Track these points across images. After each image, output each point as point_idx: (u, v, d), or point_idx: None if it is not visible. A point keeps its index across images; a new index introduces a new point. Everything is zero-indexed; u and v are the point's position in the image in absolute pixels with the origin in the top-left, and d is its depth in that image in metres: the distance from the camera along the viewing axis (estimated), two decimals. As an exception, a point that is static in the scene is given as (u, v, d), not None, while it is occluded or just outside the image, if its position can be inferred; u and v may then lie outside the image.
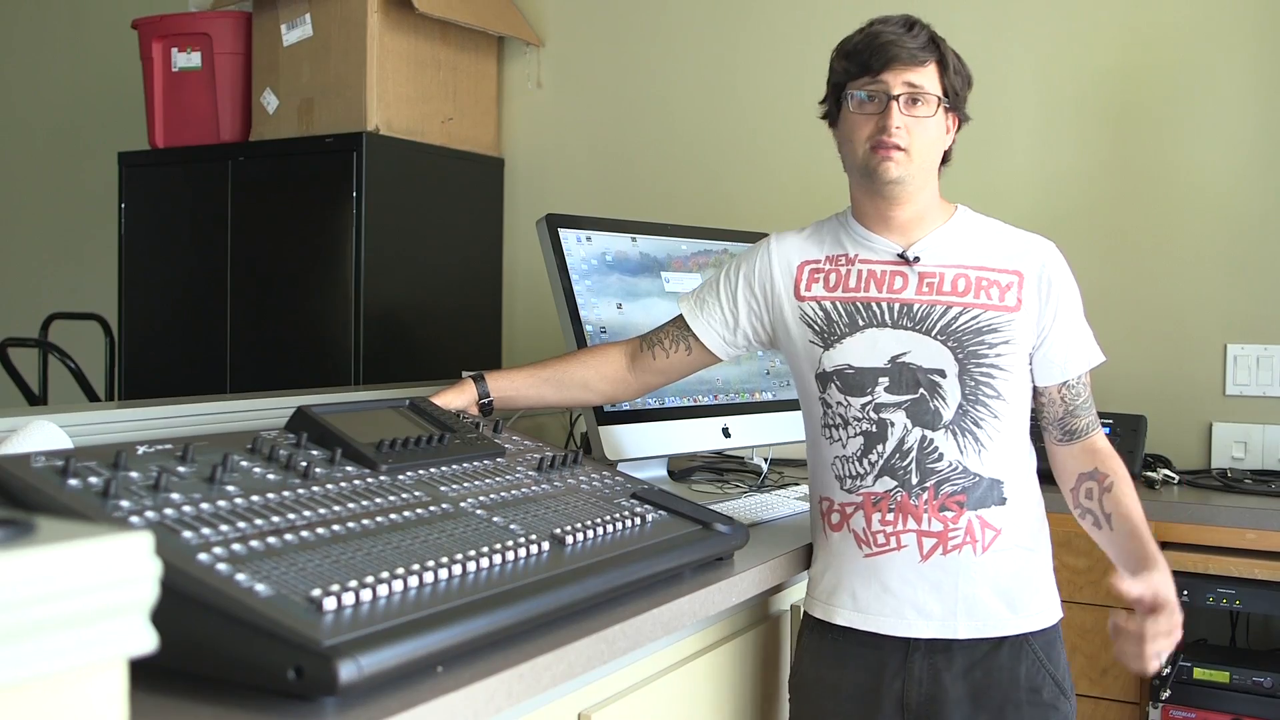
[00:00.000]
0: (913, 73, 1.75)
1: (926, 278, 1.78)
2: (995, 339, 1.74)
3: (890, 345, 1.77)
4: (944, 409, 1.74)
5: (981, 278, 1.78)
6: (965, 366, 1.74)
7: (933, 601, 1.72)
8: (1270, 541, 2.37)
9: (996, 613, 1.72)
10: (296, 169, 3.36)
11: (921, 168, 1.77)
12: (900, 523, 1.74)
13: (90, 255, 4.36)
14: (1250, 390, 2.83)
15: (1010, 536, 1.73)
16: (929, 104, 1.75)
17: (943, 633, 1.72)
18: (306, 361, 3.30)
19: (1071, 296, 1.81)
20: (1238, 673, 2.38)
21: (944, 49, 1.79)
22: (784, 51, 3.35)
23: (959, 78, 1.80)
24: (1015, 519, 1.75)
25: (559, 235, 2.30)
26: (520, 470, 1.73)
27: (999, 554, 1.72)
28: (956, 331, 1.75)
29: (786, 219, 3.23)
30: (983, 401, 1.74)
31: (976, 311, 1.75)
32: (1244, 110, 2.85)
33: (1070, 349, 1.80)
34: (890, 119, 1.74)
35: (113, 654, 0.79)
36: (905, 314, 1.78)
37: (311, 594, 1.14)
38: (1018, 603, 1.73)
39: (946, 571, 1.72)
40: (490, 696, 1.18)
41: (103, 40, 4.42)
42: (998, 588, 1.72)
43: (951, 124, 1.82)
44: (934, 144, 1.78)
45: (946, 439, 1.73)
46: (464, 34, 3.55)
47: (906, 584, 1.73)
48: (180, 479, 1.34)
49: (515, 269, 3.72)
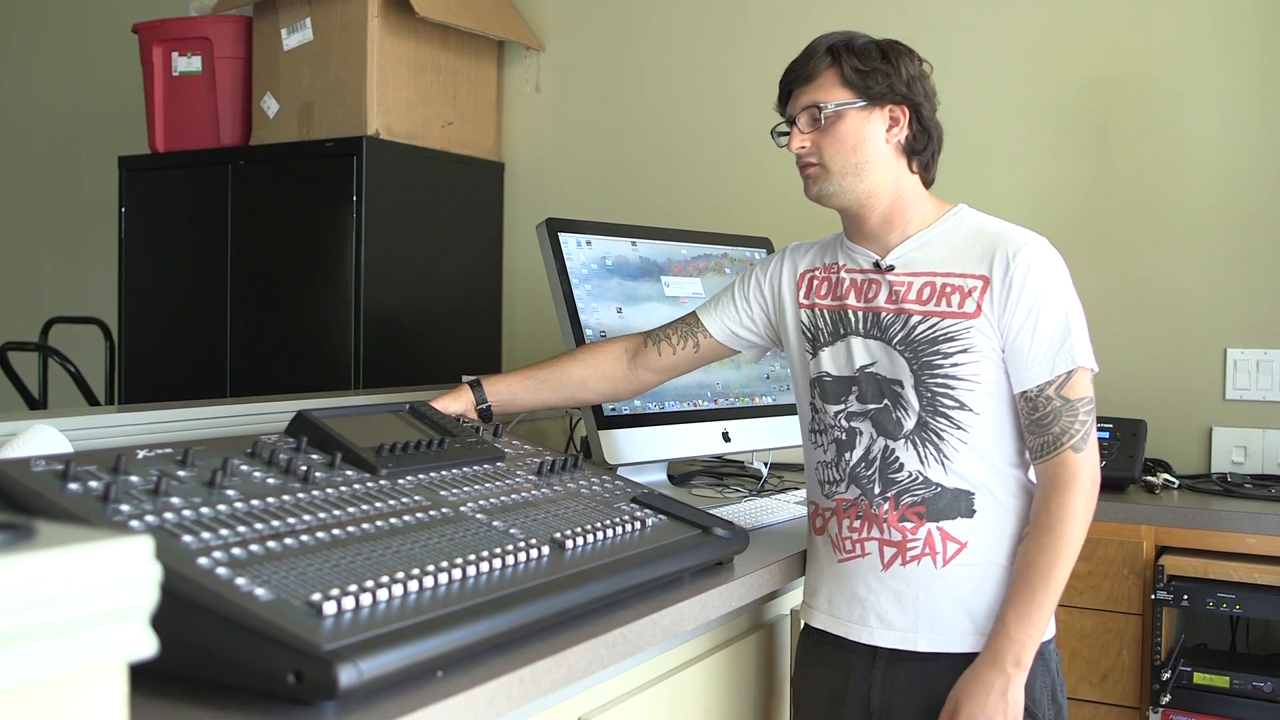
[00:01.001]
0: (809, 92, 1.79)
1: (895, 286, 1.77)
2: (951, 348, 1.71)
3: (860, 355, 1.78)
4: (905, 419, 1.73)
5: (946, 284, 1.74)
6: (920, 377, 1.72)
7: (895, 611, 1.72)
8: (1271, 546, 2.37)
9: (959, 626, 1.70)
10: (297, 173, 3.36)
11: (845, 172, 1.77)
12: (865, 530, 1.75)
13: (90, 259, 4.37)
14: (1250, 395, 2.83)
15: (978, 551, 1.70)
16: (831, 114, 1.76)
17: (903, 644, 1.72)
18: (306, 366, 3.30)
19: (1040, 299, 1.68)
20: (1238, 677, 2.38)
21: (841, 52, 1.78)
22: (782, 56, 3.33)
23: (870, 73, 1.75)
24: (985, 533, 1.70)
25: (559, 239, 2.30)
26: (520, 474, 1.73)
27: (963, 568, 1.70)
28: (913, 341, 1.74)
29: (785, 223, 3.24)
30: (942, 412, 1.71)
31: (934, 320, 1.73)
32: (1241, 114, 2.85)
33: (1031, 356, 1.68)
34: (790, 142, 1.81)
35: (113, 658, 0.79)
36: (875, 323, 1.78)
37: (311, 598, 1.14)
38: (983, 619, 1.69)
39: (907, 582, 1.72)
40: (490, 701, 1.18)
41: (103, 44, 4.42)
42: (960, 601, 1.70)
43: (884, 117, 1.76)
44: (852, 149, 1.76)
45: (907, 449, 1.73)
46: (464, 38, 3.55)
47: (871, 592, 1.74)
48: (180, 483, 1.34)
49: (515, 273, 3.72)
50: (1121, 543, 2.47)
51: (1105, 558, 2.48)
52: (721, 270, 2.62)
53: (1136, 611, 2.46)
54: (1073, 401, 1.67)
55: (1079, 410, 1.68)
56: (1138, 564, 2.46)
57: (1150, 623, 2.43)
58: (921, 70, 1.80)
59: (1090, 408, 1.69)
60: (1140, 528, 2.46)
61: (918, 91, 1.77)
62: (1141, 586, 2.45)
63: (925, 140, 1.79)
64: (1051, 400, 1.68)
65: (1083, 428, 1.68)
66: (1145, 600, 2.45)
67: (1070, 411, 1.67)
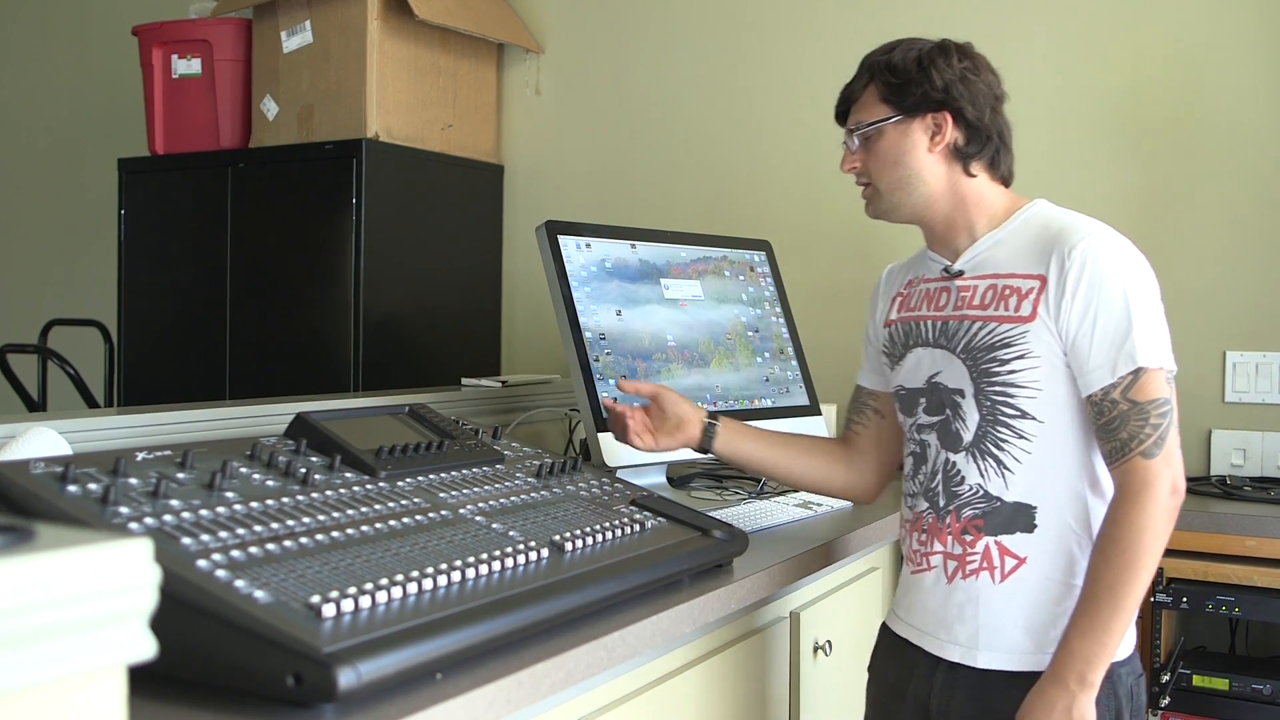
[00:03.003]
0: (855, 112, 1.82)
1: (962, 292, 1.74)
2: (1008, 354, 1.66)
3: (928, 365, 1.76)
4: (964, 431, 1.70)
5: (1006, 286, 1.69)
6: (979, 385, 1.68)
7: (957, 625, 1.70)
8: (1270, 549, 2.37)
9: (1018, 643, 1.65)
10: (296, 176, 3.36)
11: (894, 190, 1.77)
12: (930, 544, 1.74)
13: (90, 262, 4.37)
14: (1249, 397, 2.83)
15: (1037, 567, 1.65)
16: (870, 132, 1.78)
17: (964, 659, 1.69)
18: (306, 368, 3.30)
19: (1098, 296, 1.60)
20: (1237, 680, 2.38)
21: (877, 69, 1.78)
22: (784, 58, 3.35)
23: (903, 85, 1.75)
24: (1046, 548, 1.65)
25: (558, 242, 2.30)
26: (519, 477, 1.74)
27: (1021, 583, 1.65)
28: (973, 348, 1.70)
29: (786, 226, 3.25)
30: (1003, 422, 1.67)
31: (992, 325, 1.68)
32: (1243, 116, 2.85)
33: (1091, 358, 1.60)
34: (843, 164, 1.83)
35: (112, 661, 0.79)
36: (942, 332, 1.75)
37: (311, 600, 1.14)
38: (1043, 637, 1.63)
39: (968, 596, 1.69)
40: (489, 704, 1.18)
41: (103, 47, 4.42)
42: (1019, 618, 1.65)
43: (925, 126, 1.74)
44: (894, 164, 1.76)
45: (968, 462, 1.70)
46: (464, 41, 3.55)
47: (938, 604, 1.73)
48: (179, 485, 1.34)
49: (515, 276, 3.72)
50: (1121, 545, 2.47)
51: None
52: (721, 273, 2.62)
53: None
54: (1141, 404, 1.58)
55: (1149, 413, 1.58)
56: (1137, 566, 2.45)
57: (1150, 625, 2.44)
58: (964, 72, 1.74)
59: (1164, 410, 1.58)
60: (1139, 530, 2.46)
61: (957, 95, 1.73)
62: (1141, 589, 2.45)
63: (980, 141, 1.75)
64: (1118, 404, 1.59)
65: (1155, 431, 1.57)
66: (1145, 603, 2.45)
67: (1139, 415, 1.58)
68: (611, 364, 2.28)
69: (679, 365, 2.41)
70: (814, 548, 1.97)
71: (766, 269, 2.76)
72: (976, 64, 1.78)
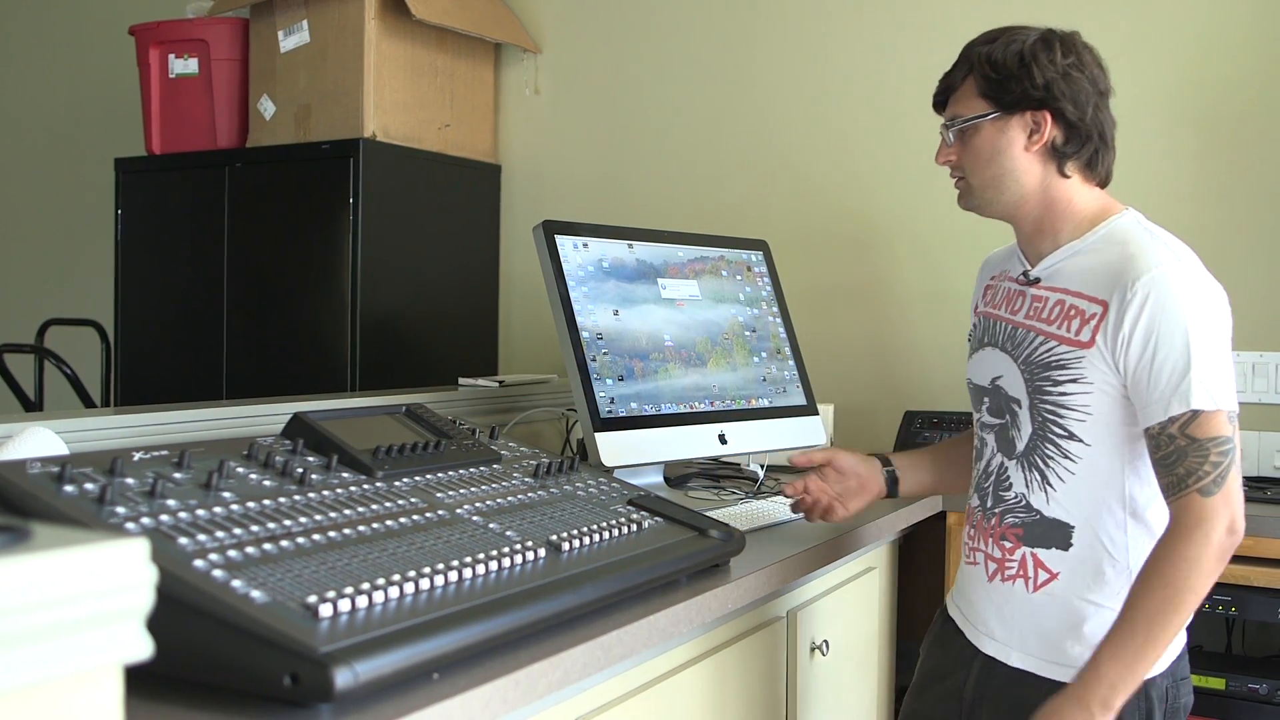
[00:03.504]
0: (952, 104, 1.78)
1: (1035, 301, 1.73)
2: (1062, 375, 1.66)
3: (994, 366, 1.77)
4: (1019, 439, 1.72)
5: (1074, 305, 1.67)
6: (1034, 400, 1.69)
7: (995, 622, 1.74)
8: (1266, 548, 2.37)
9: (1047, 653, 1.68)
10: (293, 175, 3.36)
11: (986, 187, 1.75)
12: (977, 540, 1.79)
13: (87, 261, 4.36)
14: (1246, 397, 2.83)
15: (1068, 584, 1.67)
16: (967, 127, 1.74)
17: (999, 654, 1.73)
18: (303, 368, 3.30)
19: (1156, 333, 1.57)
20: (1234, 679, 2.38)
21: (977, 61, 1.74)
22: (782, 58, 3.35)
23: (1004, 80, 1.71)
24: (1078, 568, 1.67)
25: (555, 242, 2.30)
26: (517, 477, 1.74)
27: (1051, 598, 1.68)
28: (1032, 363, 1.70)
29: (784, 225, 3.25)
30: (1051, 439, 1.68)
31: (1052, 344, 1.68)
32: (1254, 110, 2.85)
33: (1150, 394, 1.58)
34: (938, 155, 1.80)
35: (108, 661, 0.79)
36: (1010, 337, 1.76)
37: (307, 600, 1.14)
38: (1069, 652, 1.66)
39: (1006, 598, 1.73)
40: (486, 703, 1.18)
41: (100, 46, 4.42)
42: (1048, 630, 1.68)
43: (1024, 124, 1.71)
44: (989, 161, 1.73)
45: (1018, 470, 1.72)
46: (461, 41, 3.55)
47: (981, 598, 1.77)
48: (176, 485, 1.34)
49: (512, 275, 3.72)
50: (1118, 545, 2.47)
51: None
52: (718, 272, 2.62)
53: (1133, 613, 2.46)
54: (1201, 441, 1.55)
55: (1209, 451, 1.54)
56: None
57: (1146, 625, 2.44)
58: (1067, 68, 1.69)
59: (1225, 448, 1.55)
60: (1136, 530, 2.46)
61: (1059, 93, 1.68)
62: (1138, 588, 2.45)
63: (1080, 140, 1.71)
64: (1175, 439, 1.56)
65: (1215, 470, 1.54)
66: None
67: (1199, 451, 1.55)
68: (608, 364, 2.28)
69: (676, 365, 2.41)
70: (811, 548, 1.97)
71: (763, 269, 2.76)
72: (1081, 59, 1.72)
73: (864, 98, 3.21)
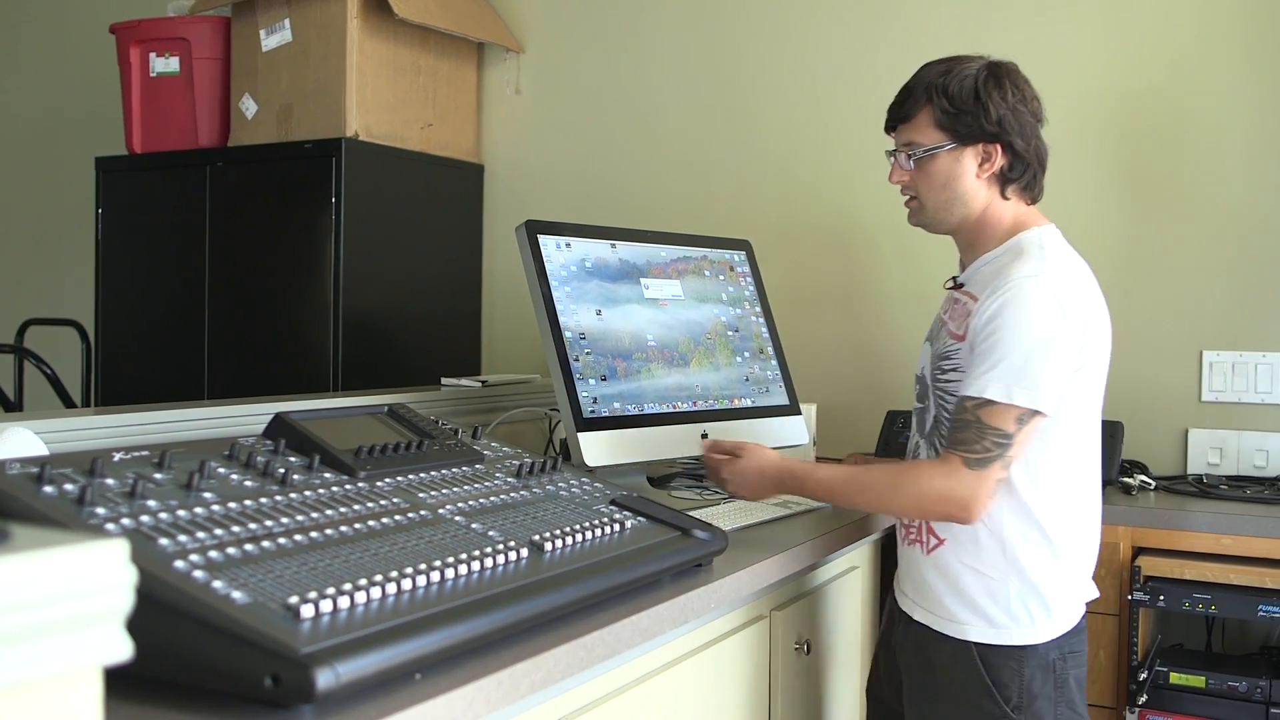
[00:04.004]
0: (906, 131, 1.95)
1: (954, 302, 1.95)
2: (947, 365, 1.89)
3: (924, 358, 2.00)
4: (927, 420, 1.95)
5: (965, 305, 1.89)
6: (934, 385, 1.93)
7: (908, 582, 1.97)
8: (1245, 547, 2.39)
9: (941, 610, 1.89)
10: (275, 175, 3.35)
11: (937, 208, 1.94)
12: None
13: (67, 261, 4.34)
14: (1226, 396, 2.85)
15: (952, 549, 1.88)
16: (923, 156, 1.92)
17: (909, 609, 1.95)
18: (285, 368, 3.29)
19: (997, 328, 1.77)
20: (1213, 677, 2.39)
21: (935, 93, 1.89)
22: (766, 58, 3.36)
23: (960, 114, 1.87)
24: (964, 538, 1.86)
25: (538, 241, 2.30)
26: (499, 477, 1.73)
27: (939, 561, 1.89)
28: (936, 353, 1.94)
29: (766, 225, 3.25)
30: (942, 421, 1.89)
31: (946, 337, 1.92)
32: (1225, 121, 2.87)
33: (970, 373, 1.79)
34: (891, 175, 1.98)
35: (88, 662, 0.78)
36: (935, 332, 1.99)
37: (289, 601, 1.13)
38: (962, 611, 1.86)
39: (911, 560, 1.96)
40: (469, 704, 1.18)
41: (80, 45, 4.40)
42: (940, 590, 1.89)
43: (976, 154, 1.89)
44: (943, 187, 1.91)
45: (925, 447, 1.95)
46: (444, 40, 3.55)
47: (903, 561, 2.00)
48: (157, 486, 1.34)
49: (494, 275, 3.71)
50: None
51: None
52: (701, 273, 2.62)
53: (1113, 612, 2.47)
54: (985, 426, 1.75)
55: (987, 437, 1.75)
56: (1115, 564, 2.47)
57: (1127, 623, 2.45)
58: (1015, 104, 1.88)
59: (1002, 442, 1.74)
60: (1117, 529, 2.47)
61: (1009, 128, 1.87)
62: (1118, 587, 2.47)
63: (1023, 168, 1.90)
64: (967, 414, 1.77)
65: (984, 453, 1.74)
66: (1122, 601, 2.46)
67: (979, 432, 1.75)
68: (591, 363, 2.28)
69: (659, 365, 2.41)
70: (794, 548, 1.98)
71: (746, 269, 2.76)
72: (1024, 93, 1.91)
73: (848, 98, 3.22)
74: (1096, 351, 1.86)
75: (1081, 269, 1.90)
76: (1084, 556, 1.91)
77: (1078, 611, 1.88)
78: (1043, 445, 1.81)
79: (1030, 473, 1.82)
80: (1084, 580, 1.91)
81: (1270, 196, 2.83)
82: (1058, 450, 1.83)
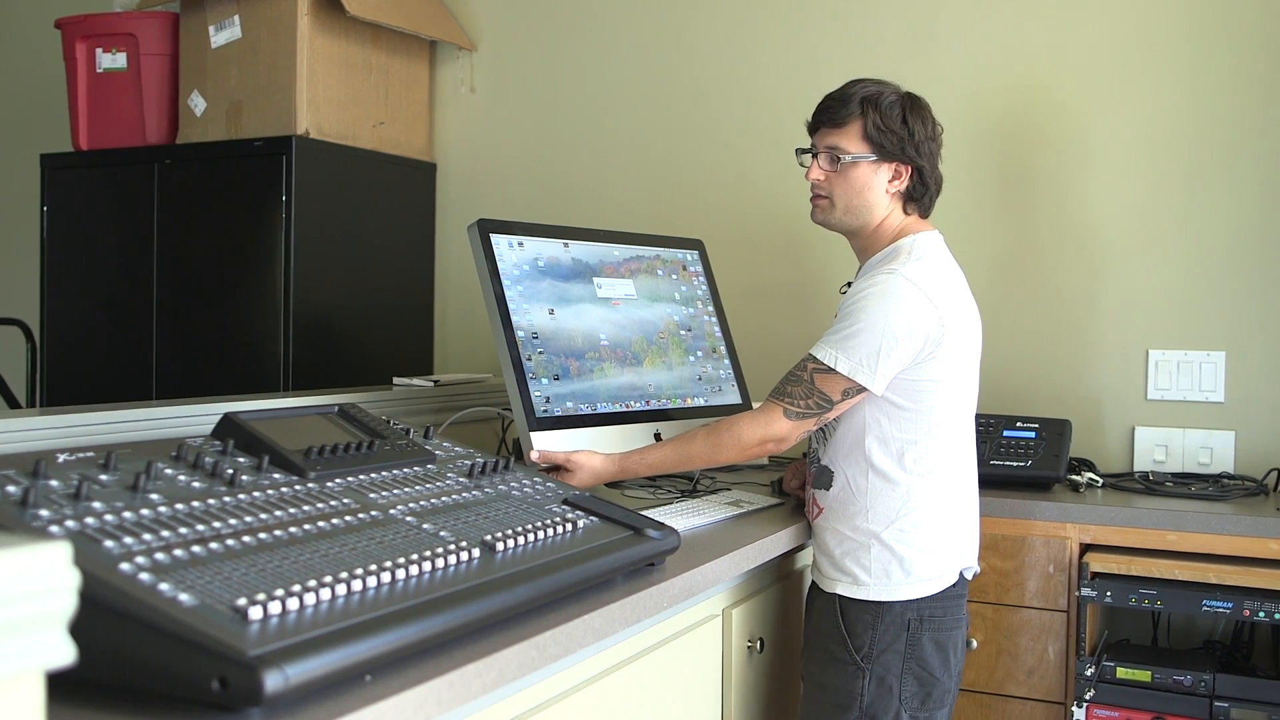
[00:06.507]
0: (834, 135, 2.14)
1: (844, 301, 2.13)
2: None
3: None
4: None
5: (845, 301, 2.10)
6: None
7: (811, 548, 2.22)
8: (1191, 543, 2.42)
9: (828, 572, 2.13)
10: (225, 173, 3.32)
11: (847, 211, 2.15)
12: None
13: (11, 259, 4.28)
14: (1171, 395, 2.89)
15: (829, 518, 2.13)
16: (848, 162, 2.11)
17: (811, 573, 2.21)
18: (234, 367, 3.26)
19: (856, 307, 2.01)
20: (1159, 672, 2.43)
21: (869, 108, 2.09)
22: (718, 57, 3.37)
23: (887, 133, 2.08)
24: (836, 505, 2.11)
25: (491, 240, 2.30)
26: (451, 477, 1.73)
27: (821, 527, 2.15)
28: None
29: (719, 225, 3.26)
30: None
31: (830, 331, 2.07)
32: (1160, 124, 2.91)
33: (824, 337, 2.04)
34: (809, 172, 2.17)
35: (29, 666, 0.77)
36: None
37: (237, 603, 1.12)
38: (831, 569, 2.12)
39: (813, 531, 2.20)
40: (420, 705, 1.17)
41: (25, 40, 4.33)
42: (826, 554, 2.13)
43: (890, 170, 2.11)
44: (858, 193, 2.12)
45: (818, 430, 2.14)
46: (396, 38, 3.53)
47: None
48: (102, 487, 1.32)
49: (447, 274, 3.70)
50: (1047, 540, 2.51)
51: (1031, 555, 2.52)
52: (654, 272, 2.62)
53: (1062, 608, 2.50)
54: (812, 386, 2.03)
55: (813, 395, 2.03)
56: (1063, 561, 2.50)
57: (1075, 619, 2.48)
58: (933, 132, 2.14)
59: (822, 404, 2.02)
60: (1066, 526, 2.50)
61: (925, 153, 2.12)
62: (1067, 583, 2.50)
63: (922, 191, 2.14)
64: (803, 369, 2.04)
65: (802, 407, 2.04)
66: (1070, 597, 2.49)
67: (806, 389, 2.04)
68: (544, 363, 2.28)
69: (611, 364, 2.41)
70: (745, 546, 1.98)
71: (699, 268, 2.77)
72: (936, 125, 2.15)
73: (800, 97, 3.22)
74: (959, 343, 2.06)
75: (950, 269, 2.11)
76: (950, 529, 2.08)
77: (944, 580, 2.07)
78: (901, 424, 2.04)
79: (892, 450, 2.05)
80: (952, 551, 2.08)
81: (1225, 204, 2.87)
82: (923, 430, 2.04)
